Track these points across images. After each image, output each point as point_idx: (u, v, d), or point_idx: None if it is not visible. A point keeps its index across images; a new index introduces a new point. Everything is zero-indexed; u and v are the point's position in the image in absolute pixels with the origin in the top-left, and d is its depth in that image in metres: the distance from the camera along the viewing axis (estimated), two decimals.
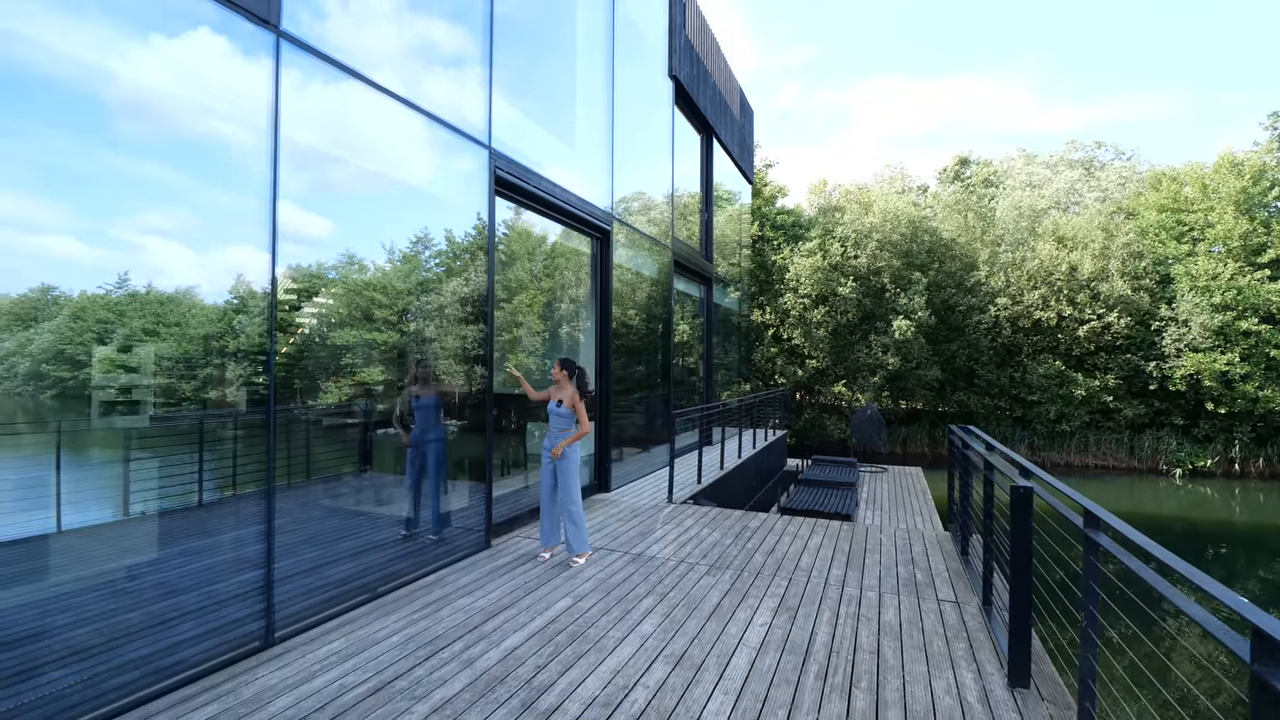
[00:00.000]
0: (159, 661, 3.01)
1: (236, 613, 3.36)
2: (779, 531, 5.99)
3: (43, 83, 2.67)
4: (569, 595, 4.25)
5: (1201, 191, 20.35)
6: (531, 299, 7.01)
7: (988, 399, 21.07)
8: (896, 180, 35.00)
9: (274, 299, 3.54)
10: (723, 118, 12.68)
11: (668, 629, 3.73)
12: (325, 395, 4.13)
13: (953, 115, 68.93)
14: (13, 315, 2.94)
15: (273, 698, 2.93)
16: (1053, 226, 22.07)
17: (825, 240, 21.62)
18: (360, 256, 4.32)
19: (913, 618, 3.95)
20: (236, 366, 3.54)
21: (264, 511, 3.52)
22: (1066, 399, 19.69)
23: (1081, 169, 30.16)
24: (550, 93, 6.83)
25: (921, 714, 2.84)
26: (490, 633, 3.65)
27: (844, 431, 21.71)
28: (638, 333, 9.18)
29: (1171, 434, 19.65)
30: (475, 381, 5.36)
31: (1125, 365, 19.67)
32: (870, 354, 20.64)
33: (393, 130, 4.44)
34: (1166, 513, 17.01)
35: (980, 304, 20.93)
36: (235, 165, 3.37)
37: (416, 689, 3.01)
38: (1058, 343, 20.27)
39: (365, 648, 3.44)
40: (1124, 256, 19.99)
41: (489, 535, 5.37)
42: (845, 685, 3.10)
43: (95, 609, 2.93)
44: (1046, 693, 3.02)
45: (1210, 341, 18.37)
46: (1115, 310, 19.34)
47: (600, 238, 7.67)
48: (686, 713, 2.84)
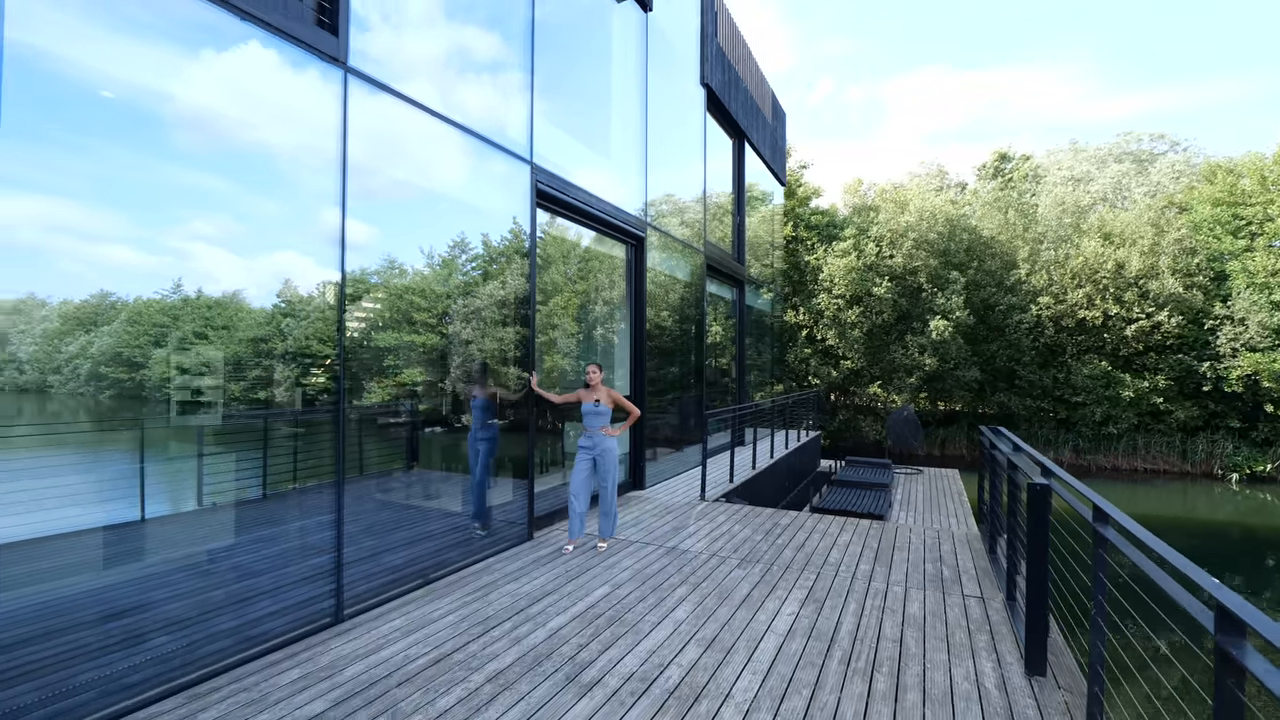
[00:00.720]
0: (247, 632, 3.41)
1: (312, 592, 3.75)
2: (809, 529, 6.16)
3: (161, 119, 3.09)
4: (607, 584, 4.53)
5: (1260, 184, 19.47)
6: (566, 301, 7.33)
7: (1030, 400, 20.57)
8: (935, 178, 34.38)
9: (342, 305, 3.92)
10: (755, 122, 12.82)
11: (700, 615, 3.98)
12: (370, 395, 4.49)
13: (999, 107, 67.04)
14: (75, 320, 3.24)
15: (346, 665, 3.28)
16: (1098, 223, 21.41)
17: (860, 240, 21.46)
18: (409, 263, 4.70)
19: (937, 610, 4.10)
20: (305, 368, 3.93)
21: (334, 502, 3.90)
22: (1113, 401, 19.09)
23: (1131, 161, 29.09)
24: (587, 107, 7.14)
25: (940, 697, 3.02)
26: (535, 615, 3.95)
27: (879, 433, 21.50)
28: (671, 334, 9.43)
29: (1228, 437, 18.86)
30: (517, 383, 5.70)
31: (1177, 366, 18.96)
32: (907, 354, 20.40)
33: (444, 148, 4.81)
34: (1222, 518, 16.37)
35: (1021, 303, 20.45)
36: (309, 183, 3.76)
37: (472, 661, 3.33)
38: (1104, 342, 19.67)
39: (423, 625, 3.79)
40: (1175, 253, 19.28)
41: (531, 528, 5.70)
42: (867, 670, 3.29)
43: (190, 586, 3.34)
44: (1064, 682, 3.15)
45: (1270, 340, 17.58)
46: (1165, 309, 18.67)
47: (635, 244, 7.95)
48: (717, 689, 3.08)
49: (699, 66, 9.95)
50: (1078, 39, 67.88)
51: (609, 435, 5.29)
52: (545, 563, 5.00)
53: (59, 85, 2.73)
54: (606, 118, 7.50)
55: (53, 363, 3.20)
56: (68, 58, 2.75)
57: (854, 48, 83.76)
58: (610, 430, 5.31)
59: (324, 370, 3.96)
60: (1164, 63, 59.95)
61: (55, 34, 2.70)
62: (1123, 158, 29.58)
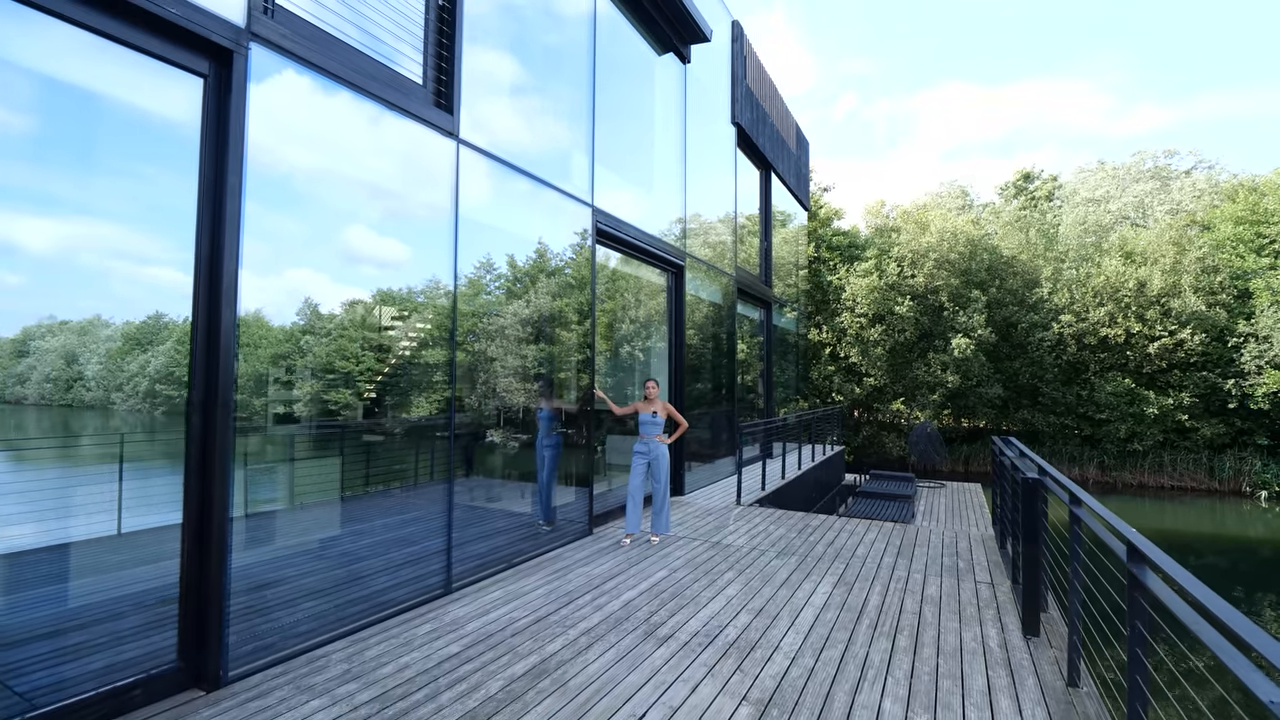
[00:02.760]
0: (380, 598, 4.23)
1: (429, 567, 4.56)
2: (838, 529, 6.83)
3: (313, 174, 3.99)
4: (665, 568, 5.28)
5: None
6: (610, 321, 8.15)
7: (1053, 417, 20.83)
8: (957, 197, 34.83)
9: (454, 329, 4.79)
10: (780, 153, 13.67)
11: (747, 593, 4.70)
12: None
13: (1026, 122, 67.26)
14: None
15: (467, 621, 4.08)
16: (1120, 242, 21.74)
17: (881, 260, 22.08)
18: (495, 294, 5.57)
19: (951, 592, 4.76)
20: (422, 386, 4.79)
21: (445, 496, 4.74)
22: (1137, 418, 19.29)
23: (1151, 179, 29.26)
24: (634, 150, 8.03)
25: (951, 651, 3.70)
26: (609, 590, 4.71)
27: (903, 449, 21.87)
28: (704, 353, 10.20)
29: (1255, 454, 18.90)
30: (580, 393, 6.51)
31: (1201, 383, 19.12)
32: (929, 372, 20.85)
33: (526, 197, 5.70)
34: (1253, 536, 16.44)
35: (1044, 321, 20.82)
36: (435, 230, 4.65)
37: (565, 621, 4.10)
38: (1127, 360, 19.91)
39: (518, 596, 4.57)
40: (1197, 271, 19.54)
41: (590, 524, 6.47)
42: (891, 632, 3.98)
43: (336, 561, 4.17)
44: (1054, 642, 3.81)
45: None
46: (1188, 326, 18.91)
47: (675, 272, 8.78)
48: (767, 643, 3.80)
49: (730, 107, 10.84)
50: (1107, 52, 67.96)
51: (662, 442, 6.07)
52: (607, 552, 5.77)
53: (272, 183, 3.64)
54: (650, 158, 8.38)
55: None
56: (295, 167, 3.66)
57: (873, 66, 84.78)
58: (663, 438, 6.09)
59: (437, 391, 4.82)
60: (1194, 75, 59.80)
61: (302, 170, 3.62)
62: (1141, 176, 29.75)
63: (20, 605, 3.02)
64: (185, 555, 3.20)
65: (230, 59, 3.30)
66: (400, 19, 4.47)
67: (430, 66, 4.70)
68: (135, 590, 3.31)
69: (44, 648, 2.92)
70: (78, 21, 2.82)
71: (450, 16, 4.79)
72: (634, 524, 6.10)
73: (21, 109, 2.84)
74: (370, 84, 4.10)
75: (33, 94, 2.86)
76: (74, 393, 3.41)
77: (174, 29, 3.08)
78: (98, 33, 2.90)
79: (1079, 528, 3.27)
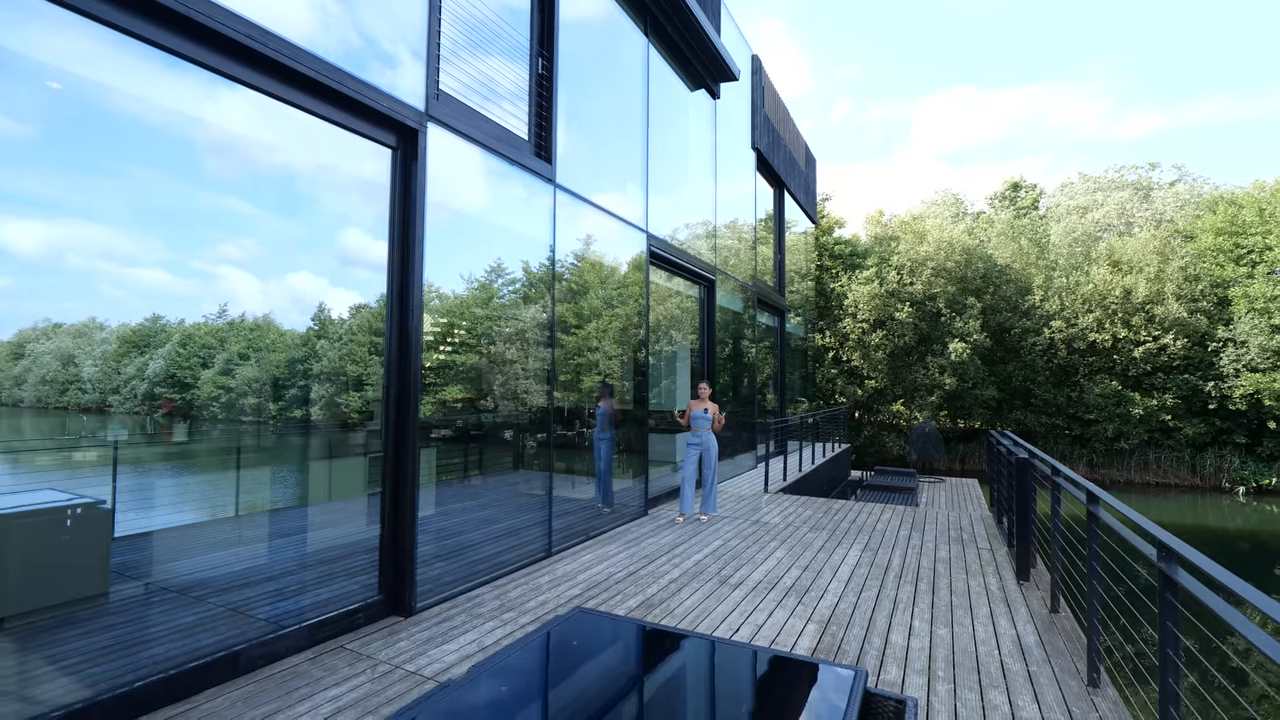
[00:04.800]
0: (503, 557, 5.24)
1: (537, 535, 5.58)
2: (857, 510, 7.88)
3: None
4: (719, 539, 6.31)
5: (1259, 215, 20.94)
6: (654, 327, 9.19)
7: (1045, 418, 21.98)
8: (950, 205, 36.09)
9: (553, 355, 5.81)
10: (792, 172, 14.76)
11: (791, 556, 5.73)
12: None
13: (1021, 126, 68.83)
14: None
15: (575, 574, 5.10)
16: (1107, 251, 22.95)
17: (882, 268, 23.22)
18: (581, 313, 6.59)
19: (958, 555, 5.81)
20: (530, 387, 5.81)
21: (547, 480, 5.76)
22: (1124, 418, 20.46)
23: (1132, 190, 30.54)
24: (676, 180, 9.08)
25: (961, 592, 4.75)
26: (678, 554, 5.74)
27: (902, 448, 22.99)
28: (727, 358, 11.24)
29: (1234, 452, 20.09)
30: (632, 397, 7.54)
31: (1183, 385, 20.31)
32: (927, 375, 21.98)
33: (604, 230, 6.74)
34: (1232, 529, 17.59)
35: (1035, 326, 21.99)
36: (537, 259, 5.68)
37: (653, 575, 5.13)
38: (1114, 363, 21.09)
39: (607, 559, 5.59)
40: (1179, 280, 20.74)
41: (646, 506, 7.50)
42: (913, 580, 5.03)
43: (474, 525, 5.19)
44: (1040, 585, 4.86)
45: (1270, 362, 18.92)
46: (1171, 332, 20.10)
47: (707, 285, 9.84)
48: (817, 587, 4.84)
49: (750, 133, 11.92)
50: (1103, 59, 69.64)
51: (710, 433, 7.08)
52: (666, 528, 6.79)
53: None
54: (686, 184, 9.43)
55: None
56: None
57: (868, 71, 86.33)
58: (713, 427, 7.13)
59: (537, 395, 5.84)
60: (1189, 81, 61.54)
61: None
62: (1124, 187, 31.04)
63: (257, 556, 4.04)
64: (384, 515, 4.21)
65: (415, 136, 4.33)
66: (511, 87, 5.50)
67: (532, 124, 5.73)
68: (331, 545, 4.32)
69: (290, 581, 3.94)
70: (320, 115, 3.84)
71: (548, 83, 5.83)
72: (687, 505, 7.13)
73: (269, 177, 3.87)
74: (497, 144, 5.13)
75: (277, 170, 3.89)
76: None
77: (379, 115, 4.11)
78: (332, 122, 3.92)
79: (1096, 525, 4.28)
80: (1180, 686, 2.30)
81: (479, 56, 5.08)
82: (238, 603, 3.66)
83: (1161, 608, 2.39)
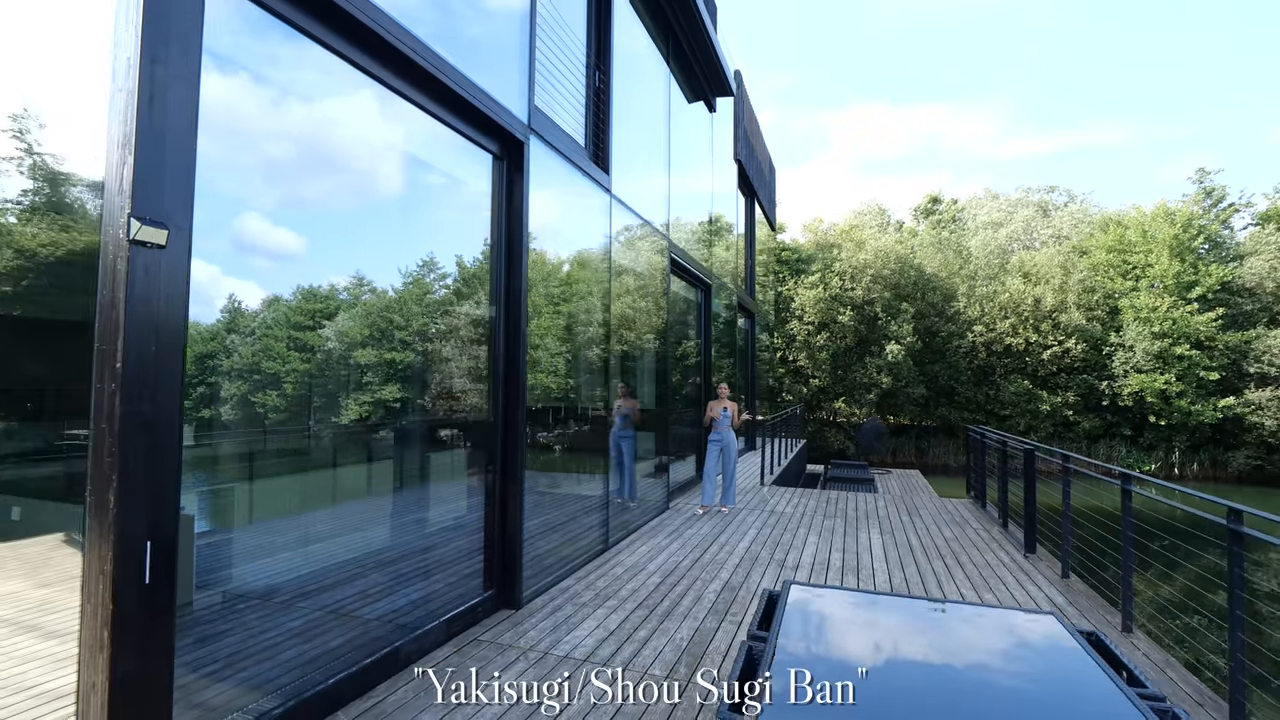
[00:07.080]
0: (564, 553, 5.48)
1: (595, 531, 5.85)
2: (851, 500, 8.64)
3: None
4: (753, 528, 6.82)
5: (1142, 236, 24.03)
6: (655, 329, 9.57)
7: (966, 413, 24.19)
8: (876, 215, 38.64)
9: (608, 359, 6.08)
10: (761, 181, 15.55)
11: (824, 541, 6.33)
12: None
13: (927, 142, 74.37)
14: None
15: (644, 563, 5.43)
16: (1019, 263, 25.55)
17: (825, 274, 24.70)
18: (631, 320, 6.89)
19: (962, 536, 6.63)
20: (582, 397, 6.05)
21: (604, 482, 6.03)
22: (1034, 413, 22.93)
23: (1036, 209, 34.08)
24: (685, 192, 9.50)
25: (980, 564, 5.50)
26: (723, 543, 6.19)
27: (843, 442, 24.61)
28: (715, 358, 11.80)
29: (1121, 443, 22.99)
30: (654, 398, 7.92)
31: (1082, 384, 23.02)
32: (866, 374, 23.64)
33: (639, 238, 7.06)
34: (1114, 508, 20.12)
35: (959, 330, 24.17)
36: (596, 263, 5.95)
37: (714, 562, 5.54)
38: (1025, 365, 23.56)
39: (662, 550, 5.95)
40: (1079, 291, 23.46)
41: (668, 500, 7.89)
42: (937, 555, 5.74)
43: (551, 522, 5.41)
44: (1044, 558, 5.71)
45: (1151, 364, 21.82)
46: (1073, 337, 22.72)
47: (705, 290, 10.34)
48: (863, 567, 5.44)
49: (733, 145, 12.53)
50: (1000, 83, 76.39)
51: (730, 430, 7.57)
52: (695, 521, 7.22)
53: None
54: (690, 195, 9.88)
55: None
56: None
57: (795, 80, 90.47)
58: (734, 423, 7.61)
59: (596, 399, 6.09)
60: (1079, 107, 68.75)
61: None
62: (1028, 205, 34.58)
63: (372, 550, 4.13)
64: (490, 517, 4.38)
65: (521, 147, 4.51)
66: (575, 100, 5.73)
67: (589, 135, 5.98)
68: (443, 545, 4.45)
69: (419, 583, 4.06)
70: (434, 114, 3.97)
71: (605, 96, 6.10)
72: (709, 497, 7.59)
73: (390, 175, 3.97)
74: (571, 154, 5.36)
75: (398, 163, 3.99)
76: None
77: (489, 123, 4.26)
78: (445, 123, 4.06)
79: (1129, 501, 5.05)
80: (1244, 611, 3.10)
81: (556, 71, 5.29)
82: (380, 607, 3.75)
83: (1230, 558, 3.17)
